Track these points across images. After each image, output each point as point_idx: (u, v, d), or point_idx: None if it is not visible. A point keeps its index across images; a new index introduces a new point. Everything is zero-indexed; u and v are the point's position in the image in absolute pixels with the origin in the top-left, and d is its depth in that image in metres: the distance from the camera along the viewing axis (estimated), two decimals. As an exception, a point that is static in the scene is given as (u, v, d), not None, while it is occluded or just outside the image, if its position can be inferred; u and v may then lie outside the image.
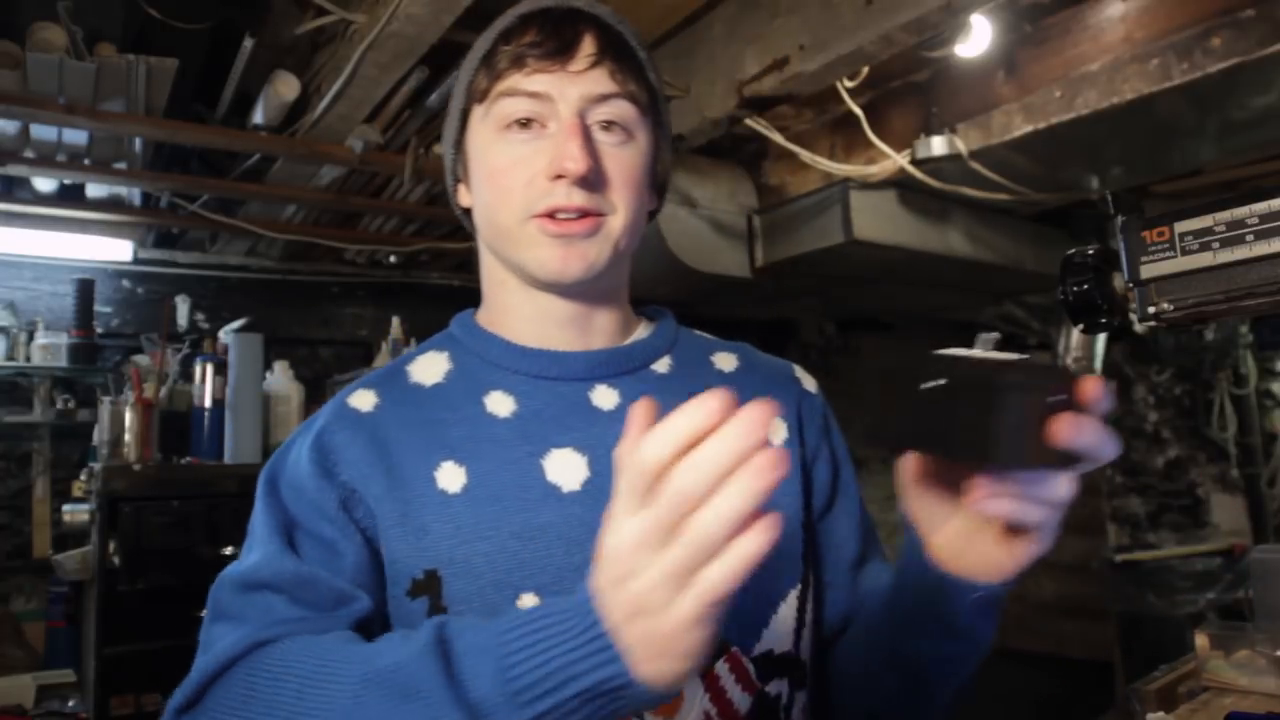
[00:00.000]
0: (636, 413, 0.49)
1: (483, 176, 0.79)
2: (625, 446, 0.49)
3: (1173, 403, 4.73)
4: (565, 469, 0.74)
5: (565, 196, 0.73)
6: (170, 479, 2.40)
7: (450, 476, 0.73)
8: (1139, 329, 0.74)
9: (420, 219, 3.02)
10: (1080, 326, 0.77)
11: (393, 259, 3.41)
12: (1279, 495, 4.57)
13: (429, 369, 0.81)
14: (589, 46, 0.76)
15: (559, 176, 0.73)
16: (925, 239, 3.01)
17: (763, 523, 0.45)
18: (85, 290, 2.77)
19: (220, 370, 2.61)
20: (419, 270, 3.61)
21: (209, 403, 2.59)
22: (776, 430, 0.84)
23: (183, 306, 3.03)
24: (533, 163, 0.75)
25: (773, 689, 0.76)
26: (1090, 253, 0.75)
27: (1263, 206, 0.65)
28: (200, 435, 2.58)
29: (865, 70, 2.19)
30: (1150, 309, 0.72)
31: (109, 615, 2.25)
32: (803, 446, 0.85)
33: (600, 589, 0.49)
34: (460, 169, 0.83)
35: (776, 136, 2.53)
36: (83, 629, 2.59)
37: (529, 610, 0.53)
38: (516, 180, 0.75)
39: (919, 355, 0.53)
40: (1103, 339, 4.25)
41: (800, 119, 2.80)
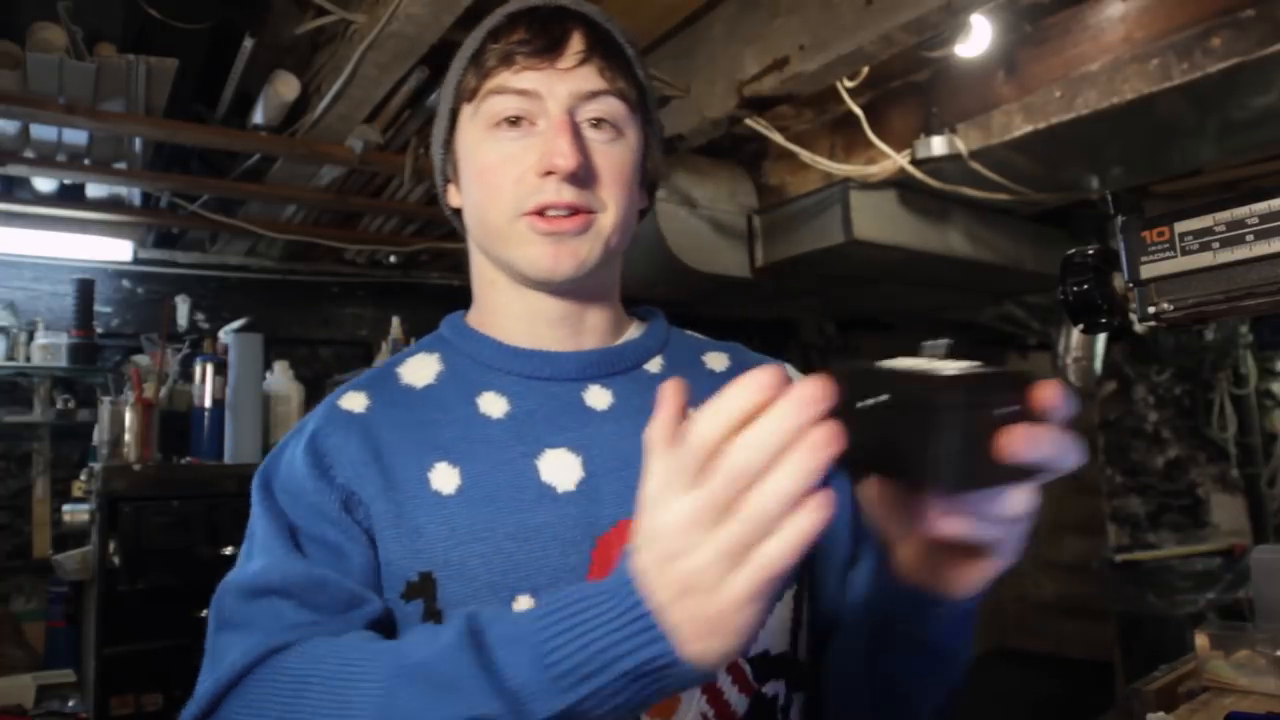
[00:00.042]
0: (666, 392, 0.50)
1: (472, 175, 0.78)
2: (656, 427, 0.49)
3: (1173, 403, 4.73)
4: (560, 469, 0.74)
5: (555, 193, 0.73)
6: (170, 479, 2.40)
7: (444, 478, 0.72)
8: (1139, 329, 0.74)
9: (420, 219, 3.02)
10: (1080, 326, 0.77)
11: (393, 259, 3.41)
12: (1279, 495, 4.56)
13: (420, 370, 0.80)
14: (577, 44, 0.75)
15: (549, 173, 0.73)
16: (925, 239, 3.01)
17: (817, 499, 0.45)
18: (85, 290, 2.77)
19: (220, 370, 2.61)
20: (419, 270, 3.61)
21: (209, 403, 2.60)
22: None
23: (183, 306, 3.03)
24: (522, 160, 0.74)
25: (770, 690, 0.75)
26: (1090, 253, 0.75)
27: (1263, 206, 0.65)
28: (200, 435, 2.58)
29: (865, 70, 2.19)
30: (1150, 309, 0.72)
31: (109, 615, 2.25)
32: None
33: (644, 569, 0.48)
34: (450, 169, 0.83)
35: (776, 136, 2.53)
36: (83, 629, 2.59)
37: (561, 595, 0.51)
38: (506, 178, 0.75)
39: (860, 368, 0.50)
40: (1103, 339, 4.26)
41: (800, 119, 2.80)
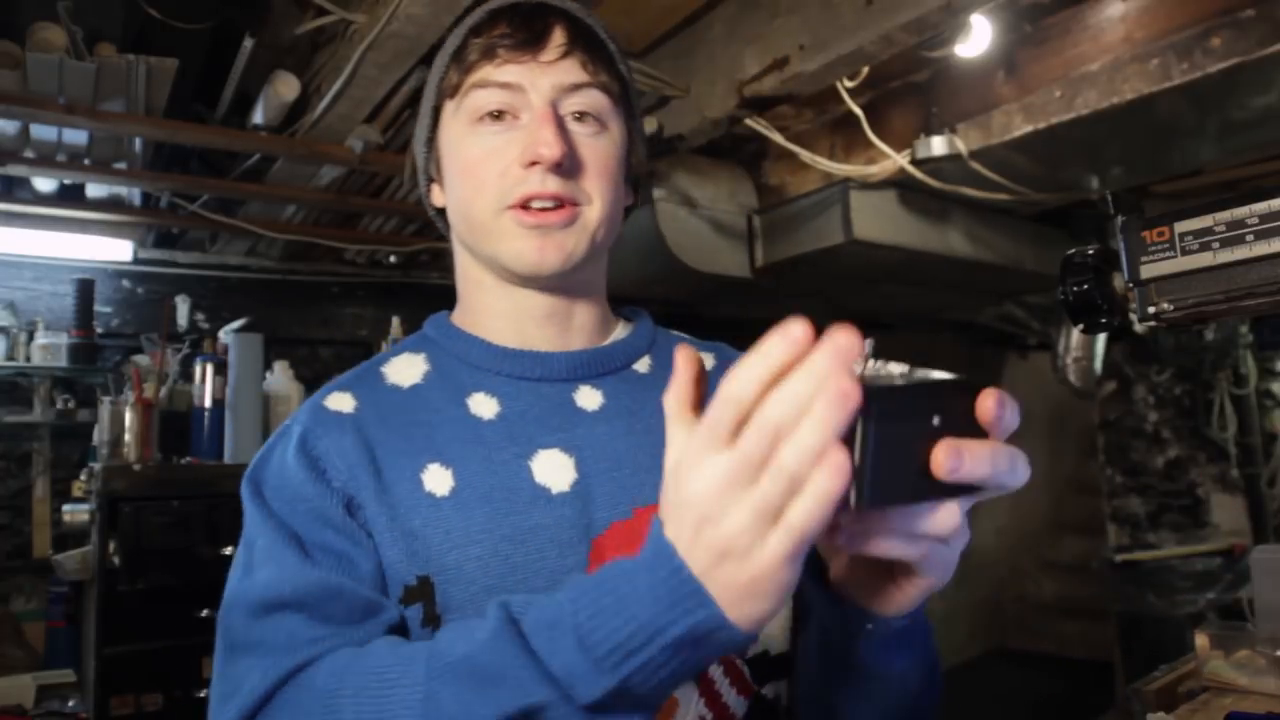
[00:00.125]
0: (681, 359, 0.50)
1: (456, 171, 0.77)
2: (673, 395, 0.50)
3: (1173, 403, 4.72)
4: (553, 470, 0.73)
5: (540, 183, 0.72)
6: (170, 479, 2.40)
7: (437, 479, 0.71)
8: (1139, 329, 0.74)
9: (420, 219, 3.02)
10: (1080, 326, 0.77)
11: (393, 259, 3.41)
12: (1279, 495, 4.56)
13: (405, 370, 0.79)
14: (559, 37, 0.75)
15: (533, 163, 0.72)
16: (925, 239, 3.01)
17: (837, 458, 0.42)
18: (85, 290, 2.77)
19: (220, 370, 2.61)
20: (419, 270, 3.61)
21: (209, 403, 2.60)
22: None
23: (183, 306, 3.03)
24: (505, 153, 0.74)
25: (769, 691, 0.74)
26: (1090, 253, 0.75)
27: (1263, 206, 0.65)
28: (200, 435, 2.58)
29: (865, 70, 2.19)
30: (1150, 309, 0.72)
31: (109, 615, 2.25)
32: None
33: (678, 536, 0.47)
34: (433, 168, 0.82)
35: (776, 136, 2.53)
36: (83, 629, 2.59)
37: (593, 575, 0.51)
38: (490, 171, 0.74)
39: None
40: (1103, 339, 4.26)
41: (800, 119, 2.80)
